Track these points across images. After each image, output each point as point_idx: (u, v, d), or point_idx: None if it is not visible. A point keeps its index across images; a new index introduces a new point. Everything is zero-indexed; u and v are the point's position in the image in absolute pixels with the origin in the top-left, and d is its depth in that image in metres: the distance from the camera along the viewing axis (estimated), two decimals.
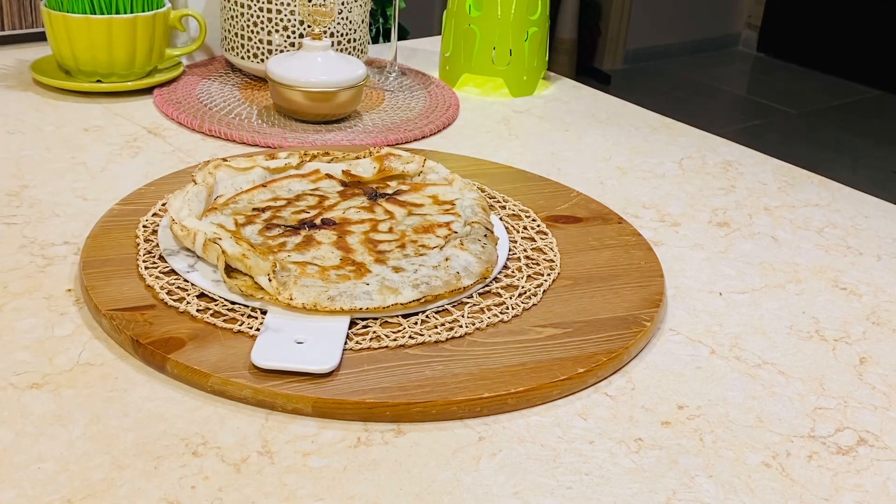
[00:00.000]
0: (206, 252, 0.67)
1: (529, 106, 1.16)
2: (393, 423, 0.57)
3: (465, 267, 0.69)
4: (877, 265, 0.81)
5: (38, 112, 1.02)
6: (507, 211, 0.83)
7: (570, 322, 0.67)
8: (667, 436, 0.58)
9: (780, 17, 4.67)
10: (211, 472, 0.52)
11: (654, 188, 0.94)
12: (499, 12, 1.15)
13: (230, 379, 0.58)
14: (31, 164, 0.90)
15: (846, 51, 4.37)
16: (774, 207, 0.91)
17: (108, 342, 0.63)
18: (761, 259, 0.81)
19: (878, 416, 0.61)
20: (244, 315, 0.64)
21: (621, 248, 0.78)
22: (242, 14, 1.10)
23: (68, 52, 1.04)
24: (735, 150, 1.06)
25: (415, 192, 0.81)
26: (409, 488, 0.52)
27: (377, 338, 0.63)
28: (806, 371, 0.66)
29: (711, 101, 4.15)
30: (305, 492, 0.51)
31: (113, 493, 0.50)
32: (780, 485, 0.54)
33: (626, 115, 1.15)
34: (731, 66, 4.63)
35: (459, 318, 0.66)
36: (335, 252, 0.70)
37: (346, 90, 1.01)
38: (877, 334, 0.71)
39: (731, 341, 0.68)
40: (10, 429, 0.54)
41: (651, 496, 0.53)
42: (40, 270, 0.71)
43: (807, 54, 4.52)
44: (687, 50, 4.66)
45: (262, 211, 0.76)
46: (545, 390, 0.60)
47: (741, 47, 4.87)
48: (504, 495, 0.52)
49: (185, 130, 1.00)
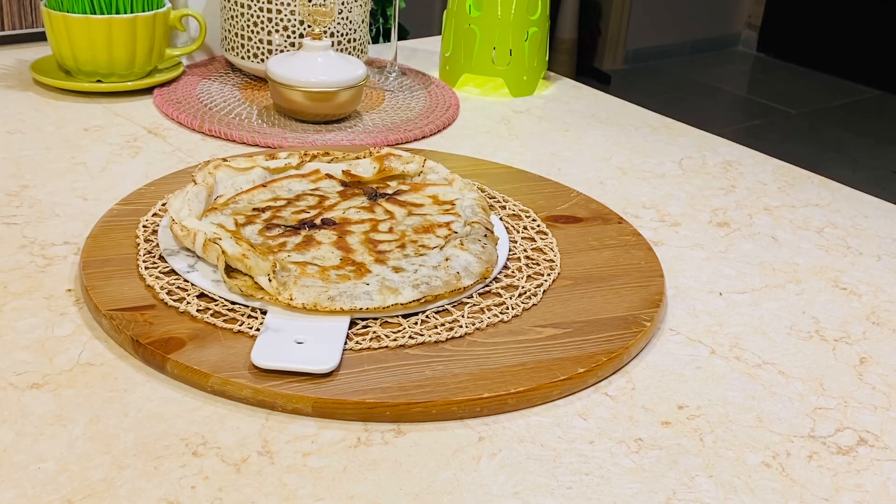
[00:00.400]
0: (206, 252, 0.67)
1: (529, 106, 1.16)
2: (393, 423, 0.57)
3: (466, 267, 0.69)
4: (877, 265, 0.81)
5: (38, 112, 1.02)
6: (507, 211, 0.83)
7: (570, 322, 0.67)
8: (667, 436, 0.58)
9: (780, 17, 4.67)
10: (211, 472, 0.52)
11: (654, 188, 0.94)
12: (499, 12, 1.15)
13: (230, 379, 0.58)
14: (31, 164, 0.90)
15: (846, 51, 4.37)
16: (774, 207, 0.91)
17: (108, 342, 0.63)
18: (761, 259, 0.81)
19: (878, 416, 0.61)
20: (244, 315, 0.64)
21: (621, 248, 0.78)
22: (242, 14, 1.10)
23: (68, 52, 1.04)
24: (735, 150, 1.06)
25: (415, 192, 0.81)
26: (409, 488, 0.52)
27: (377, 338, 0.63)
28: (806, 371, 0.66)
29: (711, 101, 4.15)
30: (305, 492, 0.51)
31: (113, 493, 0.50)
32: (780, 485, 0.54)
33: (626, 115, 1.15)
34: (731, 66, 4.63)
35: (459, 318, 0.66)
36: (335, 252, 0.70)
37: (346, 90, 1.01)
38: (877, 334, 0.71)
39: (731, 341, 0.68)
40: (10, 429, 0.54)
41: (651, 496, 0.53)
42: (40, 270, 0.71)
43: (807, 54, 4.52)
44: (687, 50, 4.66)
45: (262, 211, 0.76)
46: (545, 390, 0.60)
47: (741, 47, 4.87)
48: (504, 495, 0.52)
49: (185, 130, 1.00)
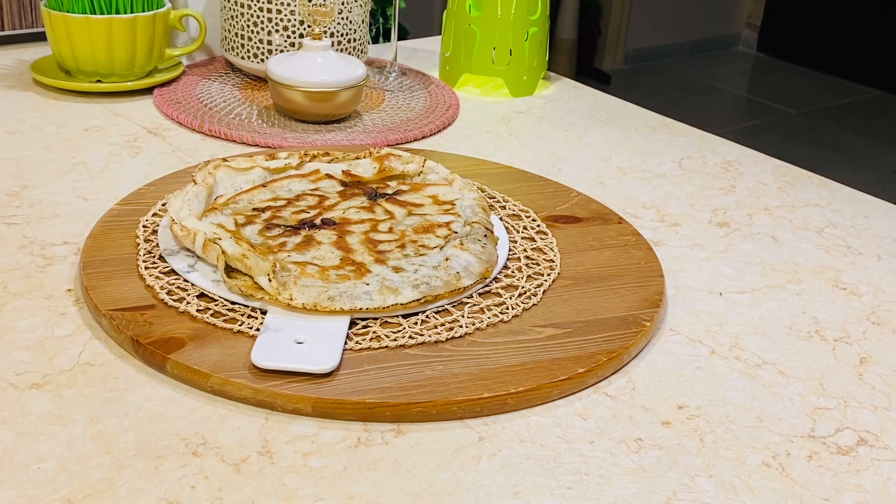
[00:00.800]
0: (206, 252, 0.67)
1: (529, 106, 1.16)
2: (393, 423, 0.57)
3: (465, 267, 0.69)
4: (877, 265, 0.81)
5: (38, 112, 1.02)
6: (507, 211, 0.83)
7: (570, 322, 0.67)
8: (667, 436, 0.58)
9: (780, 17, 4.67)
10: (211, 472, 0.52)
11: (654, 188, 0.94)
12: (499, 12, 1.15)
13: (230, 379, 0.58)
14: (31, 164, 0.90)
15: (846, 51, 4.37)
16: (774, 207, 0.91)
17: (108, 342, 0.63)
18: (761, 259, 0.81)
19: (878, 416, 0.61)
20: (244, 315, 0.64)
21: (621, 248, 0.78)
22: (242, 14, 1.10)
23: (68, 52, 1.04)
24: (735, 150, 1.06)
25: (415, 192, 0.81)
26: (409, 488, 0.52)
27: (377, 338, 0.63)
28: (806, 371, 0.66)
29: (711, 101, 4.15)
30: (305, 492, 0.51)
31: (113, 493, 0.50)
32: (780, 485, 0.54)
33: (626, 115, 1.15)
34: (730, 66, 4.63)
35: (459, 318, 0.66)
36: (335, 252, 0.70)
37: (346, 90, 1.01)
38: (877, 334, 0.71)
39: (731, 341, 0.68)
40: (10, 429, 0.54)
41: (651, 496, 0.53)
42: (40, 270, 0.71)
43: (807, 54, 4.52)
44: (687, 50, 4.66)
45: (262, 211, 0.76)
46: (545, 390, 0.60)
47: (741, 47, 4.87)
48: (504, 495, 0.52)
49: (185, 130, 1.00)
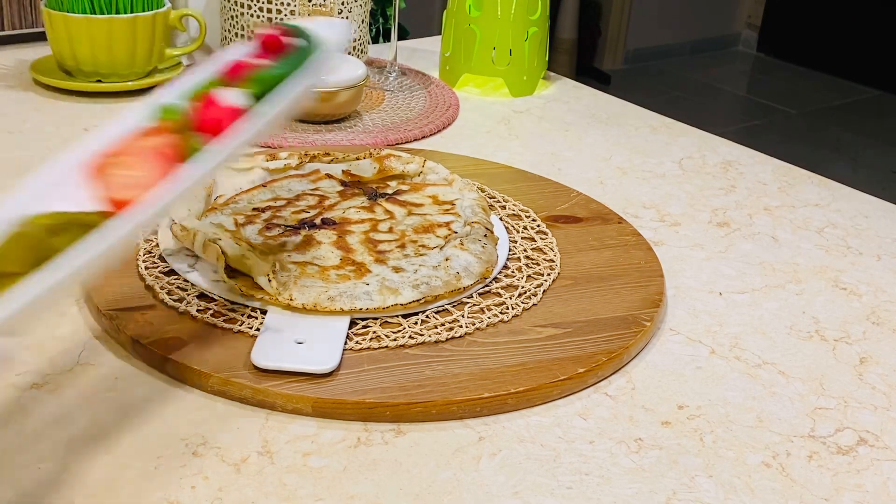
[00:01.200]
0: (206, 252, 0.67)
1: (529, 106, 1.16)
2: (393, 423, 0.57)
3: (465, 267, 0.69)
4: (877, 265, 0.81)
5: (38, 112, 1.02)
6: (507, 211, 0.83)
7: (570, 322, 0.67)
8: (667, 436, 0.58)
9: (780, 17, 4.67)
10: (211, 472, 0.52)
11: (654, 188, 0.94)
12: (499, 12, 1.15)
13: (230, 379, 0.58)
14: (31, 164, 0.89)
15: (846, 51, 4.37)
16: (774, 207, 0.91)
17: (108, 342, 0.63)
18: (761, 259, 0.81)
19: (878, 416, 0.61)
20: (244, 315, 0.64)
21: (621, 248, 0.78)
22: (242, 14, 1.10)
23: (68, 52, 1.04)
24: (735, 150, 1.06)
25: (415, 192, 0.81)
26: (409, 488, 0.52)
27: (377, 338, 0.63)
28: (806, 371, 0.66)
29: (711, 101, 4.15)
30: (305, 492, 0.51)
31: (113, 493, 0.50)
32: (780, 485, 0.54)
33: (626, 115, 1.15)
34: (731, 66, 4.63)
35: (459, 318, 0.66)
36: (335, 252, 0.70)
37: (346, 90, 1.01)
38: (877, 334, 0.71)
39: (731, 341, 0.68)
40: (10, 429, 0.54)
41: (651, 496, 0.53)
42: None
43: (807, 54, 4.52)
44: (687, 50, 4.66)
45: (262, 211, 0.76)
46: (545, 390, 0.60)
47: (741, 47, 4.87)
48: (504, 495, 0.52)
49: None
